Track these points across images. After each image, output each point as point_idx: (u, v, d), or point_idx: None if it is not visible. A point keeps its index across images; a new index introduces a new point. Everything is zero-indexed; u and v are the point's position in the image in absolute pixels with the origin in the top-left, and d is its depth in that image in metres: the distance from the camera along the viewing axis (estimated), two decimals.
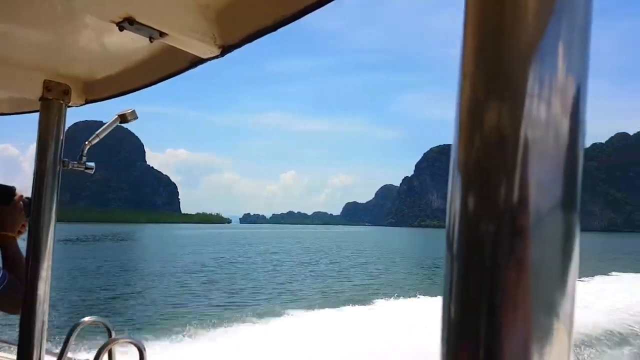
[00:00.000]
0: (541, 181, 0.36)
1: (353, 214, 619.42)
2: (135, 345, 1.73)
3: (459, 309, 0.35)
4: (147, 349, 1.75)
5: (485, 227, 0.35)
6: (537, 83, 0.36)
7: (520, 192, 0.35)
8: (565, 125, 0.37)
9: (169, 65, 1.60)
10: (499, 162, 0.36)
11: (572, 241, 0.37)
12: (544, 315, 0.34)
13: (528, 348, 0.34)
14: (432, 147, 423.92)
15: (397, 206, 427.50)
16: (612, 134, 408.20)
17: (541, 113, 0.36)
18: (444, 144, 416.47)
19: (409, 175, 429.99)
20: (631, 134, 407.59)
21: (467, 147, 0.37)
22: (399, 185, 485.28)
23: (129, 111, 1.99)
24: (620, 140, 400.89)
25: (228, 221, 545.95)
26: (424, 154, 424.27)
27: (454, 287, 0.36)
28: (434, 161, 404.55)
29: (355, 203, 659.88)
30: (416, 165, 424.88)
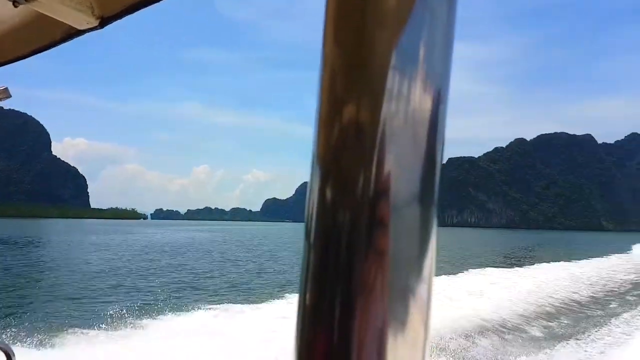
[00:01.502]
0: (399, 175, 0.36)
1: (273, 210, 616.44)
2: (3, 350, 1.61)
3: (315, 296, 0.35)
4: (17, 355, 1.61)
5: (342, 217, 0.35)
6: (397, 80, 0.36)
7: (377, 185, 0.35)
8: (424, 122, 0.38)
9: (40, 35, 1.43)
10: (357, 155, 0.36)
11: (429, 233, 0.38)
12: (401, 304, 0.35)
13: (384, 336, 0.34)
14: None
15: None
16: (512, 139, 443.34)
17: (400, 109, 0.36)
18: None
19: None
20: (528, 139, 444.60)
21: (326, 140, 0.37)
22: None
23: (0, 89, 1.77)
24: (519, 145, 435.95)
25: (144, 217, 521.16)
26: None
27: (310, 275, 0.36)
28: None
29: (275, 199, 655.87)
30: None
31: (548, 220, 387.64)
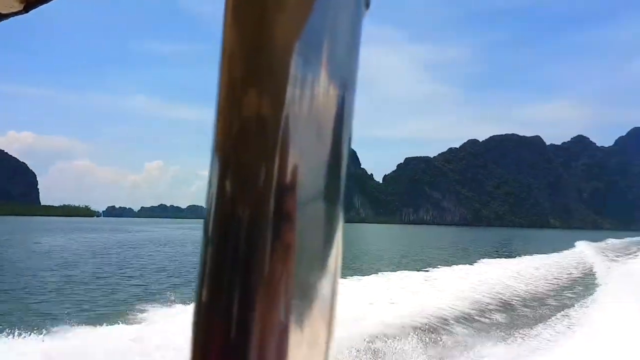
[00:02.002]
0: (304, 167, 0.35)
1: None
2: None
3: (212, 293, 0.34)
4: None
5: (242, 211, 0.34)
6: (301, 68, 0.35)
7: (280, 177, 0.34)
8: (330, 113, 0.37)
9: None
10: (259, 145, 0.35)
11: (335, 229, 0.37)
12: (304, 302, 0.34)
13: (284, 334, 0.33)
14: None
15: None
16: (466, 140, 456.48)
17: (305, 99, 0.35)
18: None
19: None
20: (481, 140, 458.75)
21: (225, 132, 0.36)
22: None
23: None
24: (472, 145, 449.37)
25: (97, 214, 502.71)
26: None
27: (208, 271, 0.34)
28: None
29: None
30: None
31: (499, 218, 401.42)
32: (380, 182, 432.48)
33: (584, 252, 39.18)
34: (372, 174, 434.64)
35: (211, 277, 0.34)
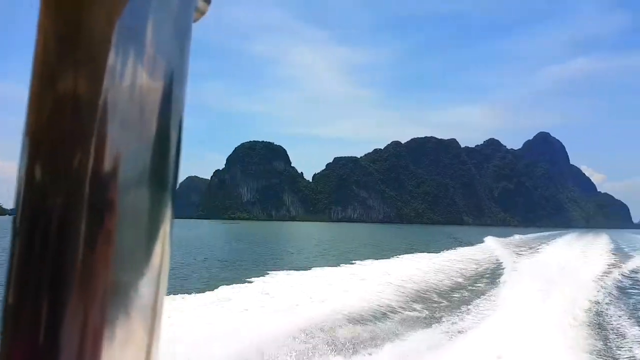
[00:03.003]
0: (123, 157, 0.33)
1: None
2: None
3: (19, 291, 0.30)
4: None
5: (52, 201, 0.31)
6: (120, 57, 0.33)
7: (95, 166, 0.32)
8: (153, 104, 0.35)
9: None
10: (73, 132, 0.32)
11: (161, 222, 0.35)
12: (122, 298, 0.31)
13: (98, 338, 0.30)
14: (243, 142, 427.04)
15: (208, 199, 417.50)
16: (389, 141, 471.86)
17: (124, 89, 0.33)
18: (255, 140, 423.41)
19: (220, 169, 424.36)
20: (403, 142, 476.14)
21: (38, 113, 0.33)
22: (206, 177, 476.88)
23: None
24: (395, 147, 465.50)
25: (9, 213, 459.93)
26: (236, 148, 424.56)
27: (16, 266, 0.31)
28: (245, 156, 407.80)
29: None
30: (227, 159, 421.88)
31: (419, 215, 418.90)
32: (310, 180, 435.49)
33: (492, 246, 41.91)
34: (302, 173, 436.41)
35: (19, 273, 0.31)
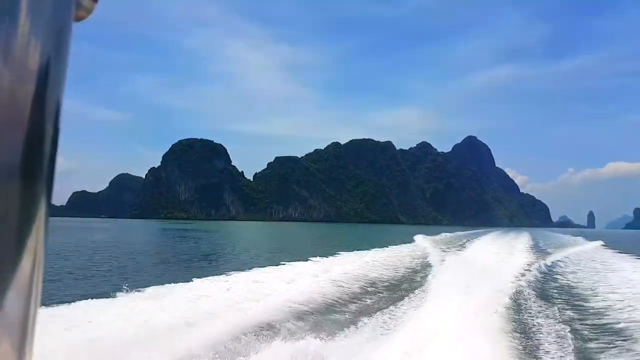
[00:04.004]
0: None
1: (82, 205, 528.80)
2: None
3: None
4: None
5: None
6: None
7: None
8: (26, 100, 0.33)
9: None
10: None
11: (31, 222, 0.31)
12: None
13: None
14: (181, 139, 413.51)
15: (143, 197, 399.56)
16: (329, 142, 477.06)
17: None
18: (193, 137, 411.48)
19: (156, 166, 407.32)
20: (342, 143, 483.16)
21: None
22: (139, 175, 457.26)
23: None
24: (334, 148, 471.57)
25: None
26: (172, 145, 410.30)
27: None
28: (182, 154, 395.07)
29: (85, 193, 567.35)
30: (164, 157, 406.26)
31: (357, 214, 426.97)
32: (251, 180, 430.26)
33: (422, 244, 43.40)
34: (242, 172, 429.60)
35: None
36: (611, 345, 10.70)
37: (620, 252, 40.22)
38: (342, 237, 75.48)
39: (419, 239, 50.45)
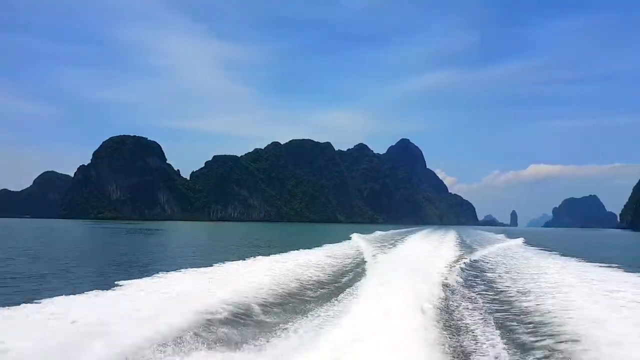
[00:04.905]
0: None
1: (4, 204, 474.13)
2: None
3: None
4: None
5: None
6: None
7: None
8: None
9: None
10: None
11: None
12: None
13: None
14: (112, 136, 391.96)
15: (71, 197, 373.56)
16: (269, 141, 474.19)
17: None
18: (125, 134, 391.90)
19: (85, 164, 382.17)
20: (282, 143, 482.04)
21: None
22: (67, 173, 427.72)
23: None
24: (274, 147, 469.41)
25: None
26: (104, 142, 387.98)
27: None
28: (114, 151, 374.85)
29: (6, 191, 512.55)
30: (94, 154, 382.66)
31: (297, 214, 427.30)
32: (188, 178, 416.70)
33: (357, 242, 43.92)
34: (178, 170, 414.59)
35: None
36: (529, 331, 11.26)
37: (539, 249, 42.95)
38: (278, 237, 74.74)
39: (355, 237, 51.00)
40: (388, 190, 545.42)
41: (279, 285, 16.72)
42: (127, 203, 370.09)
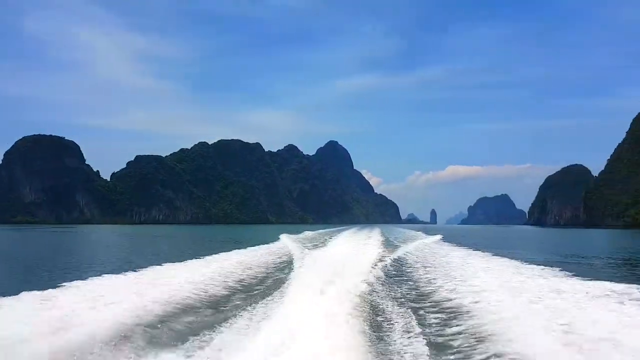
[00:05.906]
0: None
1: None
2: None
3: None
4: None
5: None
6: None
7: None
8: None
9: None
10: None
11: None
12: None
13: None
14: (25, 135, 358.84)
15: None
16: (195, 140, 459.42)
17: None
18: (40, 134, 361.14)
19: None
20: (210, 143, 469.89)
21: None
22: None
23: None
24: (202, 148, 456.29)
25: None
26: (16, 142, 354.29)
27: None
28: (27, 151, 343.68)
29: None
30: (5, 154, 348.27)
31: (227, 216, 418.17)
32: (109, 180, 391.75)
33: (286, 242, 44.04)
34: (98, 171, 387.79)
35: None
36: (448, 325, 12.02)
37: (455, 245, 45.74)
38: (203, 240, 72.80)
39: (284, 238, 51.02)
40: (317, 190, 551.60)
41: (201, 289, 16.06)
42: (42, 206, 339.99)
